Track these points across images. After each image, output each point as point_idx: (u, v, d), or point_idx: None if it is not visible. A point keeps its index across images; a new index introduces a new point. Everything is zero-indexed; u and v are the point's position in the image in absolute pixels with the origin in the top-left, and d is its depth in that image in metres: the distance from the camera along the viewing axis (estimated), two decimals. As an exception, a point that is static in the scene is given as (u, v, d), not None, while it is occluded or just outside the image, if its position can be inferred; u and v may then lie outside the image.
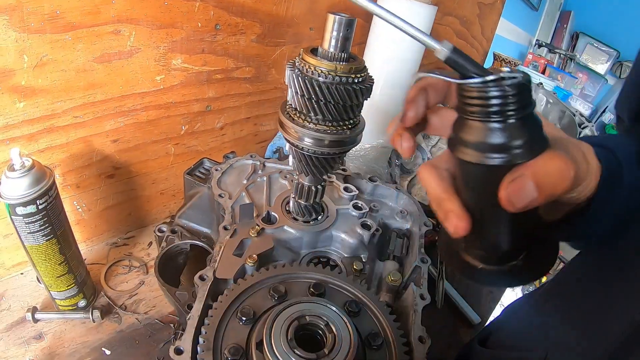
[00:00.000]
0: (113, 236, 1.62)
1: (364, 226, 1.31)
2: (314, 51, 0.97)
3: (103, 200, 1.52)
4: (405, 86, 1.94)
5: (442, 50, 0.51)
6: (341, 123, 1.00)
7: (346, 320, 0.95)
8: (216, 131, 1.70)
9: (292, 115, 1.02)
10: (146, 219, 1.69)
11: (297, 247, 1.26)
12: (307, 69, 0.92)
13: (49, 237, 1.08)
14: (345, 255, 1.29)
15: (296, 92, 0.95)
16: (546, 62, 4.59)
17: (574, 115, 2.28)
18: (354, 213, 1.35)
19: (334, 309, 0.97)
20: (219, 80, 1.59)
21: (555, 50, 5.69)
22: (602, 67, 5.82)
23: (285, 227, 1.24)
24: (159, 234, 1.42)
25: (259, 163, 1.47)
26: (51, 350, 1.19)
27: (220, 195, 1.31)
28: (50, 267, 1.14)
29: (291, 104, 1.01)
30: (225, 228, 1.20)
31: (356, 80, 0.93)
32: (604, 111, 5.31)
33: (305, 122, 1.00)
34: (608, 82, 5.73)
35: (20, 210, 1.00)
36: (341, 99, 0.93)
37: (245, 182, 1.39)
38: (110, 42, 1.26)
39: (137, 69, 1.36)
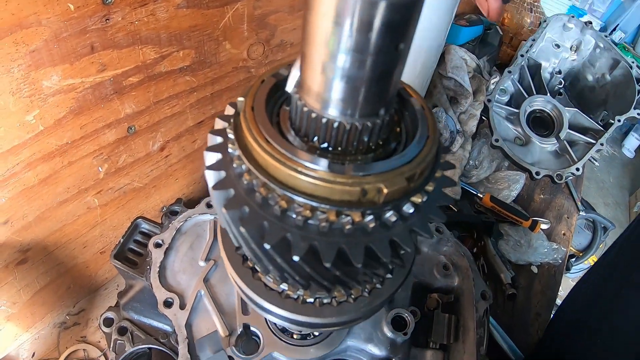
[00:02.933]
0: (59, 315, 1.26)
1: (397, 324, 0.85)
2: (273, 101, 0.41)
3: (27, 288, 1.12)
4: (438, 38, 1.29)
5: None
6: (355, 287, 0.47)
7: None
8: (155, 155, 1.15)
9: (250, 266, 0.49)
10: (93, 284, 1.28)
11: (297, 371, 0.82)
12: (268, 197, 0.35)
13: None
14: (370, 364, 0.86)
15: (237, 245, 0.41)
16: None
17: (631, 66, 1.59)
18: (376, 300, 0.88)
19: None
20: (137, 85, 1.01)
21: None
22: (612, -21, 4.81)
23: (275, 355, 0.79)
24: (106, 330, 1.00)
25: (222, 218, 0.96)
26: None
27: (166, 303, 0.85)
28: None
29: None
30: (180, 375, 0.76)
31: (407, 212, 0.37)
32: (614, 29, 4.45)
33: (273, 281, 0.47)
34: (619, -3, 4.81)
35: None
36: (366, 260, 0.39)
37: (202, 264, 0.90)
38: None
39: None
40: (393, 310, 0.86)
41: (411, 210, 0.36)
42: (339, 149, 0.37)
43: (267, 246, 0.33)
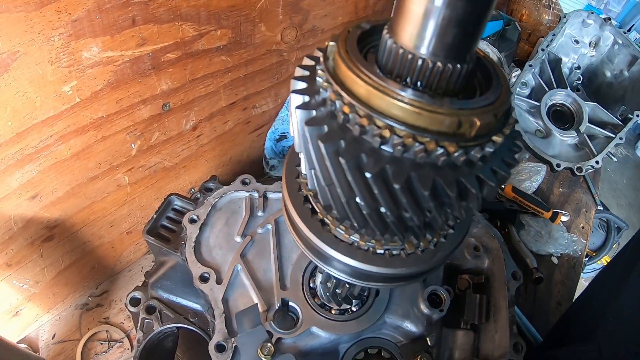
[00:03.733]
0: (81, 296, 1.25)
1: (433, 302, 0.85)
2: (364, 38, 0.42)
3: (51, 267, 1.11)
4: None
5: None
6: (424, 236, 0.48)
7: None
8: (187, 134, 1.16)
9: (311, 202, 0.49)
10: (117, 266, 1.28)
11: (334, 346, 0.82)
12: (367, 130, 0.36)
13: None
14: (404, 342, 0.86)
15: (328, 183, 0.40)
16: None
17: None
18: (413, 278, 0.88)
19: None
20: (175, 62, 1.01)
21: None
22: (628, -20, 4.81)
23: (314, 330, 0.79)
24: (133, 309, 0.99)
25: (257, 195, 0.96)
26: None
27: (202, 278, 0.85)
28: None
29: (311, 190, 0.48)
30: (219, 348, 0.76)
31: (488, 151, 0.38)
32: (630, 29, 4.49)
33: (344, 232, 0.47)
34: (634, -3, 4.82)
35: None
36: (444, 199, 0.39)
37: (239, 239, 0.90)
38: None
39: (26, 85, 0.82)
40: (429, 287, 0.87)
41: (491, 150, 0.38)
42: (429, 89, 0.38)
43: (368, 175, 0.34)
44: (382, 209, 0.39)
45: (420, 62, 0.36)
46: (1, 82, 0.77)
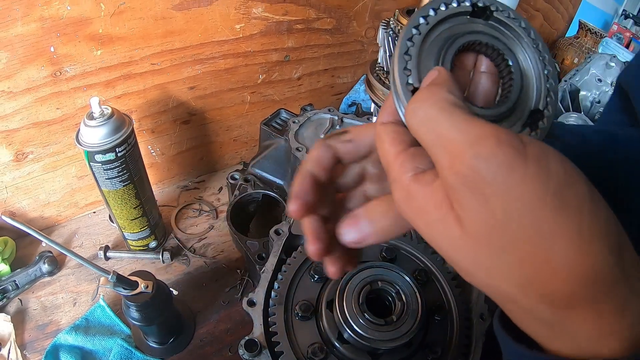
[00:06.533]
0: (184, 179, 1.66)
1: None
2: (410, 13, 0.90)
3: (177, 145, 1.54)
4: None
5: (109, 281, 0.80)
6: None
7: (416, 290, 0.95)
8: (293, 81, 1.67)
9: (381, 78, 0.97)
10: (218, 164, 1.73)
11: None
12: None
13: (126, 182, 1.10)
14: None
15: (389, 55, 0.90)
16: (631, 36, 3.95)
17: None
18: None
19: (406, 277, 0.96)
20: (299, 31, 1.53)
21: (642, 23, 4.89)
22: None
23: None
24: (232, 182, 1.46)
25: (337, 118, 1.44)
26: (121, 288, 1.30)
27: (297, 149, 1.32)
28: (126, 211, 1.18)
29: (382, 66, 0.96)
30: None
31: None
32: None
33: None
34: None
35: (99, 157, 1.00)
36: None
37: (322, 136, 1.38)
38: (189, -11, 1.21)
39: (217, 17, 1.32)
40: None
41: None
42: None
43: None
44: None
45: None
46: (205, 10, 1.25)
